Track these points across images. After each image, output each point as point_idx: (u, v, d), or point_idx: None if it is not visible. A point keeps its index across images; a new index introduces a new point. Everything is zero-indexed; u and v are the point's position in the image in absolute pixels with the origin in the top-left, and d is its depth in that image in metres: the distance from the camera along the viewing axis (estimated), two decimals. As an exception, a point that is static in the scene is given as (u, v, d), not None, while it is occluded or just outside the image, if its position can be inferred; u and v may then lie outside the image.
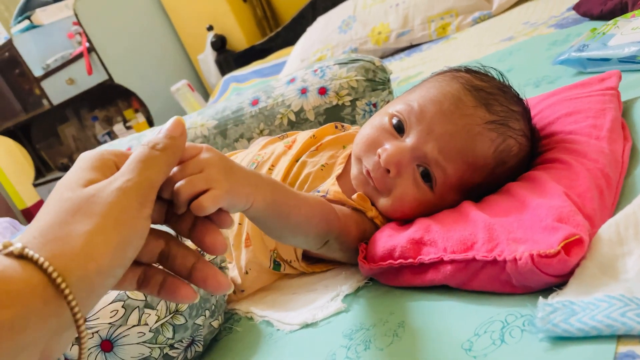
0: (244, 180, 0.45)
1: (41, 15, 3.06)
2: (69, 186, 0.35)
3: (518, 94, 0.64)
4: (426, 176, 0.60)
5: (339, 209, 0.60)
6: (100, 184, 0.34)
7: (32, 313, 0.29)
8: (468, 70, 0.65)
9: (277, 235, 0.54)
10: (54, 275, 0.30)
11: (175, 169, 0.40)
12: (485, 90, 0.61)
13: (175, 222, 0.41)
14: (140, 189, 0.35)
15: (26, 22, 3.03)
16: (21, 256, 0.30)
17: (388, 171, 0.60)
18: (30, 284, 0.29)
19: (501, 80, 0.65)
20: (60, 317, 0.30)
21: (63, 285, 0.30)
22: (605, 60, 0.84)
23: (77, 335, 0.32)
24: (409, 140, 0.61)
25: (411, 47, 1.85)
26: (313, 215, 0.54)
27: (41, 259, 0.30)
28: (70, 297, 0.30)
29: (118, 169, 0.37)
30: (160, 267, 0.41)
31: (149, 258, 0.40)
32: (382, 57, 1.89)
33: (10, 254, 0.30)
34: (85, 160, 0.37)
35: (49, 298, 0.30)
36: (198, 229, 0.40)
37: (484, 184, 0.61)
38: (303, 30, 2.30)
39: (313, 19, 2.34)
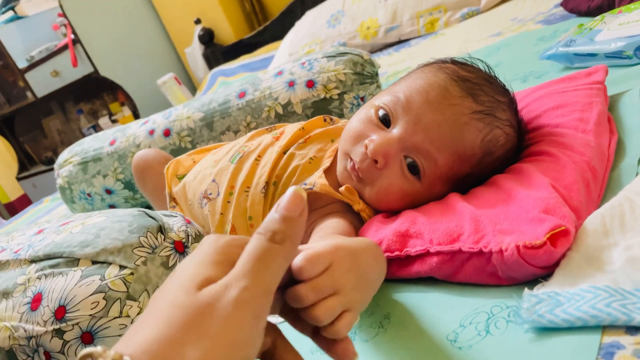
0: (373, 279, 0.43)
1: (26, 6, 3.02)
2: (185, 286, 0.31)
3: (504, 85, 0.64)
4: (413, 168, 0.60)
5: (349, 228, 0.60)
6: (216, 289, 0.31)
7: None
8: (454, 62, 0.65)
9: None
10: None
11: (308, 287, 0.35)
12: (472, 80, 0.61)
13: (294, 316, 0.37)
14: (257, 299, 0.31)
15: (10, 13, 2.99)
16: None
17: (376, 162, 0.60)
18: None
19: (487, 71, 0.65)
20: None
21: None
22: (592, 55, 0.85)
23: None
24: (396, 130, 0.60)
25: (400, 42, 1.84)
26: None
27: None
28: None
29: None
30: None
31: None
32: (371, 52, 1.88)
33: None
34: (208, 250, 0.33)
35: None
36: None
37: (472, 174, 0.60)
38: (291, 25, 2.29)
39: (302, 13, 2.33)
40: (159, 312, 0.30)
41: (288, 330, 0.38)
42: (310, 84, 0.96)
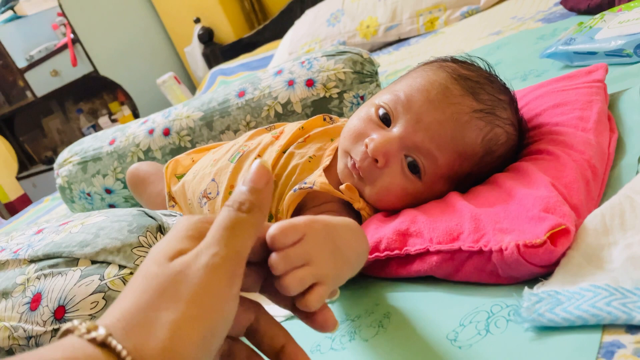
0: (350, 256, 0.42)
1: (25, 5, 3.02)
2: (156, 259, 0.32)
3: (505, 84, 0.64)
4: (414, 167, 0.60)
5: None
6: (186, 258, 0.32)
7: None
8: (454, 60, 0.65)
9: None
10: None
11: (279, 257, 0.35)
12: (472, 79, 0.61)
13: (273, 292, 0.38)
14: (227, 264, 0.31)
15: (10, 13, 2.99)
16: (104, 344, 0.28)
17: (376, 161, 0.60)
18: None
19: (488, 70, 0.65)
20: None
21: None
22: (592, 53, 0.84)
23: None
24: (397, 130, 0.60)
25: (399, 41, 1.84)
26: None
27: (124, 352, 0.28)
28: None
29: None
30: (247, 342, 0.38)
31: (236, 332, 0.37)
32: (371, 50, 1.88)
33: (93, 340, 0.28)
34: (181, 228, 0.34)
35: None
36: None
37: (473, 173, 0.60)
38: (291, 24, 2.29)
39: (301, 12, 2.32)
40: (134, 285, 0.31)
41: (294, 330, 0.38)
42: (310, 83, 0.95)
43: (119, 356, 0.28)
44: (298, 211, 0.67)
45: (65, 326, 0.29)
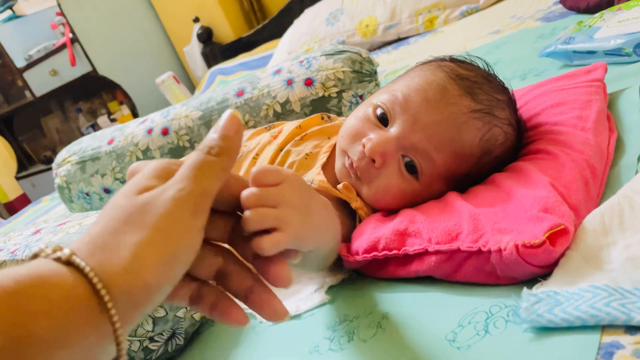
0: (318, 224, 0.43)
1: (24, 5, 3.02)
2: (125, 193, 0.34)
3: (503, 83, 0.64)
4: (411, 167, 0.60)
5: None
6: (153, 192, 0.33)
7: (72, 325, 0.28)
8: (453, 60, 0.64)
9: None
10: (99, 286, 0.29)
11: (252, 190, 0.37)
12: (470, 79, 0.60)
13: (239, 244, 0.39)
14: (193, 198, 0.33)
15: (8, 12, 2.99)
16: (68, 262, 0.29)
17: (373, 161, 0.60)
18: (73, 293, 0.28)
19: (486, 69, 0.64)
20: (99, 333, 0.29)
21: (106, 298, 0.29)
22: (591, 52, 0.84)
23: (115, 356, 0.30)
24: (394, 130, 0.60)
25: (399, 40, 1.84)
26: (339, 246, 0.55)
27: (87, 268, 0.29)
28: (112, 312, 0.29)
29: None
30: (216, 285, 0.39)
31: (206, 275, 0.38)
32: (370, 50, 1.88)
33: (59, 260, 0.30)
34: (150, 168, 0.36)
35: (91, 311, 0.29)
36: (263, 257, 0.38)
37: (471, 173, 0.60)
38: (290, 23, 2.29)
39: (300, 11, 2.32)
40: (102, 215, 0.33)
41: (292, 331, 0.38)
42: (309, 82, 0.95)
43: (83, 272, 0.29)
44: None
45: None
